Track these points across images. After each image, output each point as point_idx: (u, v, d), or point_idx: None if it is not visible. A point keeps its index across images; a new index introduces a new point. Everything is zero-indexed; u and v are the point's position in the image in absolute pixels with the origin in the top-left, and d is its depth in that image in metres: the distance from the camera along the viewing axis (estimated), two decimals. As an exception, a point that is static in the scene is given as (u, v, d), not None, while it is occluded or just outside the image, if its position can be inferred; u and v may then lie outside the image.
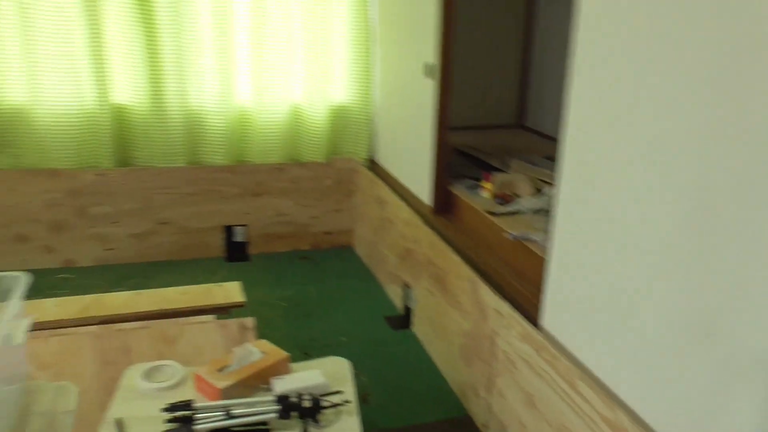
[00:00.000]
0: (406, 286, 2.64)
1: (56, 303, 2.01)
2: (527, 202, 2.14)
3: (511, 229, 1.98)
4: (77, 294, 2.62)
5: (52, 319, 1.91)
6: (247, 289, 2.26)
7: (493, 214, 2.11)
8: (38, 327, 1.82)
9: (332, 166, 3.22)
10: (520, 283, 1.86)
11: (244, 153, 3.13)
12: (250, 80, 3.00)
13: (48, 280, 2.75)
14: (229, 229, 3.12)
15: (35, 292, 1.24)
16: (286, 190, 3.16)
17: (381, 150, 3.16)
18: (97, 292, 2.66)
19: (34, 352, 1.78)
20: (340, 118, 3.22)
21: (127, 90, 2.85)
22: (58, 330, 1.84)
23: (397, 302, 2.76)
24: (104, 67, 2.71)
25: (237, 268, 3.03)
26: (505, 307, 1.77)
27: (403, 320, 2.64)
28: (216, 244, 3.12)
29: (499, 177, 2.23)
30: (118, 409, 1.39)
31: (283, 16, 2.93)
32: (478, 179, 2.47)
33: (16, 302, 1.11)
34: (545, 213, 2.07)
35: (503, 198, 2.20)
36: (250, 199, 3.11)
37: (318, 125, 3.12)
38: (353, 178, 3.26)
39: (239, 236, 3.15)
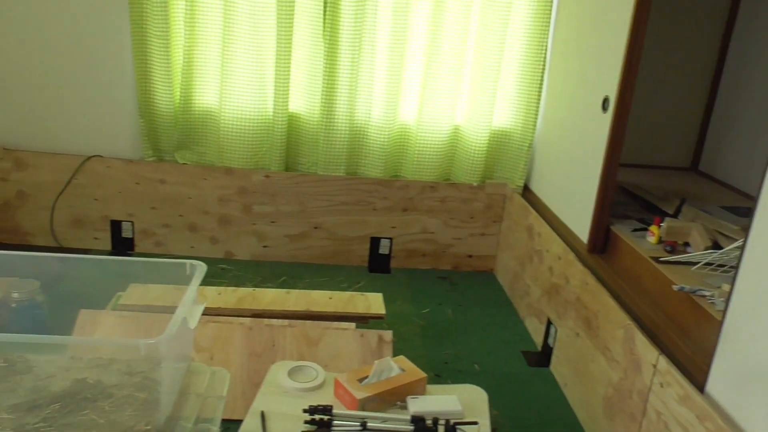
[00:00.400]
0: (548, 323, 2.52)
1: (218, 291, 2.18)
2: (701, 253, 1.95)
3: (678, 280, 1.82)
4: (233, 285, 2.83)
5: (212, 306, 2.06)
6: (386, 301, 2.29)
7: (658, 261, 1.95)
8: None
9: (484, 189, 3.18)
10: (683, 340, 1.70)
11: (399, 168, 3.20)
12: (416, 99, 3.06)
13: (210, 268, 2.97)
14: (375, 241, 3.20)
15: (200, 278, 1.35)
16: (435, 208, 3.18)
17: (538, 178, 3.07)
18: (250, 286, 2.85)
19: (195, 335, 1.94)
20: (499, 142, 3.18)
21: (303, 100, 3.03)
22: (216, 317, 1.99)
23: (536, 337, 2.65)
24: (287, 77, 2.90)
25: (378, 280, 3.09)
26: (663, 363, 1.63)
27: (541, 357, 2.53)
28: (361, 253, 3.20)
29: (670, 222, 2.06)
30: (262, 402, 1.46)
31: (458, 38, 2.96)
32: (643, 221, 2.31)
33: (194, 289, 1.21)
34: (720, 268, 1.88)
35: (672, 246, 2.03)
36: (399, 213, 3.16)
37: (476, 148, 3.10)
38: (504, 203, 3.20)
39: (384, 249, 3.21)
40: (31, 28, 2.82)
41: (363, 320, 2.19)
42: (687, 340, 1.69)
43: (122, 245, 3.07)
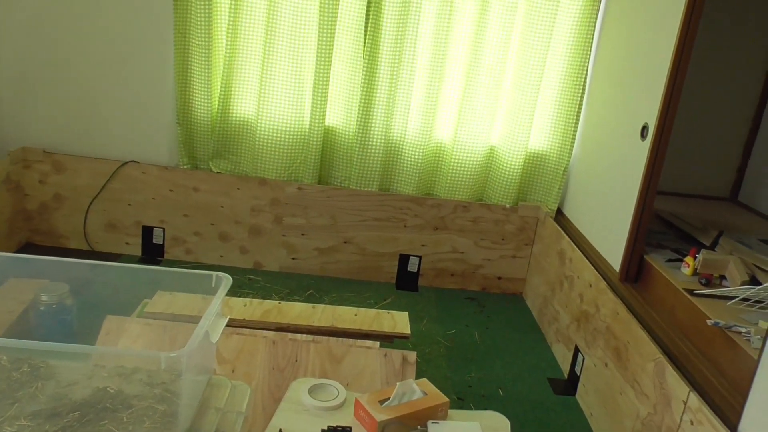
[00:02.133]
0: (576, 350, 2.46)
1: (244, 303, 2.18)
2: (737, 288, 1.88)
3: (712, 314, 1.76)
4: (260, 296, 2.84)
5: (238, 317, 2.06)
6: (411, 320, 2.26)
7: (693, 293, 1.89)
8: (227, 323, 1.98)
9: (517, 211, 3.14)
10: (716, 377, 1.63)
11: (432, 187, 3.18)
12: (453, 118, 3.05)
13: (239, 278, 3.00)
14: (404, 258, 3.18)
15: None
16: (466, 228, 3.14)
17: (572, 203, 3.02)
18: (277, 298, 2.85)
19: (217, 346, 1.94)
20: (534, 165, 3.14)
21: (340, 114, 3.05)
22: (241, 329, 1.99)
23: (564, 365, 2.59)
24: (325, 92, 2.92)
25: (405, 297, 3.07)
26: (695, 400, 1.56)
27: (567, 386, 2.47)
28: (389, 270, 3.18)
29: (706, 254, 1.99)
30: (280, 418, 1.45)
31: (497, 58, 2.94)
32: (679, 252, 2.24)
33: (218, 301, 1.21)
34: (757, 304, 1.81)
35: (708, 279, 1.96)
36: (430, 232, 3.14)
37: (511, 169, 3.07)
38: (537, 227, 3.15)
39: (412, 266, 3.19)
40: (77, 36, 2.90)
41: (388, 339, 2.17)
42: (720, 377, 1.63)
43: (153, 251, 3.11)
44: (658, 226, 2.58)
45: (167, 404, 1.17)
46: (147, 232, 3.09)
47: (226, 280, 1.33)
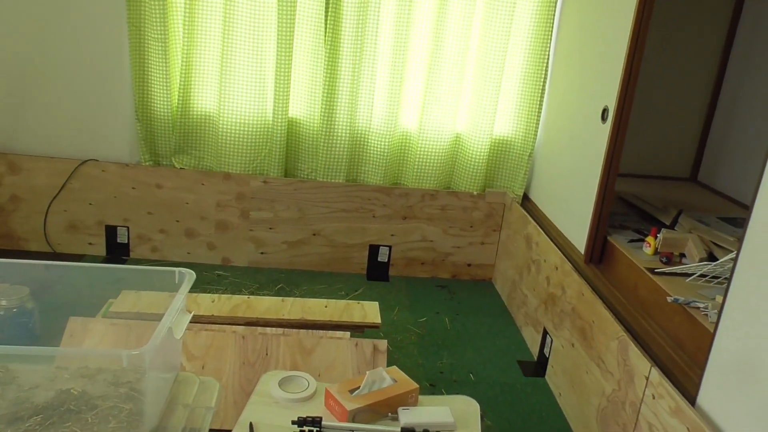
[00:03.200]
0: (544, 333, 2.50)
1: (212, 299, 2.16)
2: (696, 264, 1.93)
3: (672, 291, 1.80)
4: (229, 291, 2.82)
5: (206, 313, 2.05)
6: (383, 309, 2.28)
7: (654, 272, 1.93)
8: (193, 320, 1.96)
9: (484, 198, 3.16)
10: (676, 352, 1.68)
11: (400, 176, 3.19)
12: (417, 107, 3.06)
13: (207, 274, 2.97)
14: (374, 249, 3.18)
15: (194, 285, 1.33)
16: (435, 217, 3.16)
17: (537, 188, 3.06)
18: (246, 293, 2.84)
19: (186, 343, 1.92)
20: (499, 151, 3.17)
21: (302, 106, 3.03)
22: (209, 325, 1.97)
23: (533, 347, 2.63)
24: (287, 83, 2.90)
25: (376, 287, 3.08)
26: (656, 375, 1.61)
27: (537, 367, 2.51)
28: (359, 261, 3.19)
29: (666, 234, 2.04)
30: (251, 412, 1.44)
31: (460, 46, 2.95)
32: (640, 232, 2.29)
33: (182, 297, 1.19)
34: (715, 280, 1.86)
35: (668, 257, 2.01)
36: (398, 221, 3.15)
37: (476, 156, 3.09)
38: (504, 212, 3.19)
39: (382, 256, 3.20)
40: (28, 30, 2.82)
41: (359, 329, 2.18)
42: (681, 352, 1.67)
43: (117, 251, 3.06)
44: (621, 207, 2.64)
45: (133, 403, 1.16)
46: (111, 231, 3.03)
47: (190, 276, 1.32)
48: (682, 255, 2.05)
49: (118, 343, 1.75)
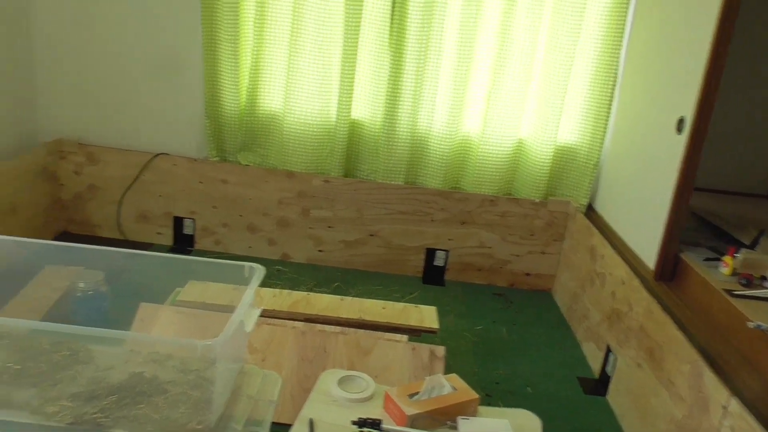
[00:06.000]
0: (607, 350, 2.43)
1: (273, 294, 2.19)
2: (778, 287, 1.83)
3: (753, 316, 1.71)
4: (288, 287, 2.85)
5: (267, 307, 2.07)
6: (438, 314, 2.25)
7: (732, 294, 1.84)
8: (255, 312, 1.99)
9: (546, 206, 3.10)
10: (757, 381, 1.59)
11: (459, 180, 3.16)
12: (480, 111, 3.02)
13: (267, 269, 3.01)
14: (430, 252, 3.16)
15: (256, 279, 1.35)
16: (494, 223, 3.12)
17: (603, 198, 2.97)
18: (304, 289, 2.86)
19: (249, 336, 1.95)
20: (563, 159, 3.10)
21: (366, 107, 3.04)
22: (271, 319, 2.00)
23: (594, 364, 2.55)
24: (350, 85, 2.92)
25: (431, 291, 3.05)
26: (736, 406, 1.53)
27: (598, 385, 2.44)
28: (415, 264, 3.17)
29: (746, 254, 1.94)
30: (311, 409, 1.45)
31: (526, 50, 2.91)
32: (716, 250, 2.19)
33: (252, 291, 1.21)
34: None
35: (748, 279, 1.91)
36: (456, 226, 3.12)
37: (539, 163, 3.03)
38: (566, 222, 3.11)
39: (439, 261, 3.17)
40: (109, 32, 2.93)
41: (415, 333, 2.16)
42: (763, 381, 1.58)
43: (183, 241, 3.15)
44: (693, 223, 2.53)
45: (200, 391, 1.18)
46: (178, 222, 3.12)
47: (259, 271, 1.34)
48: (764, 278, 1.95)
49: (184, 330, 1.79)
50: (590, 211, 3.05)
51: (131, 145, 3.07)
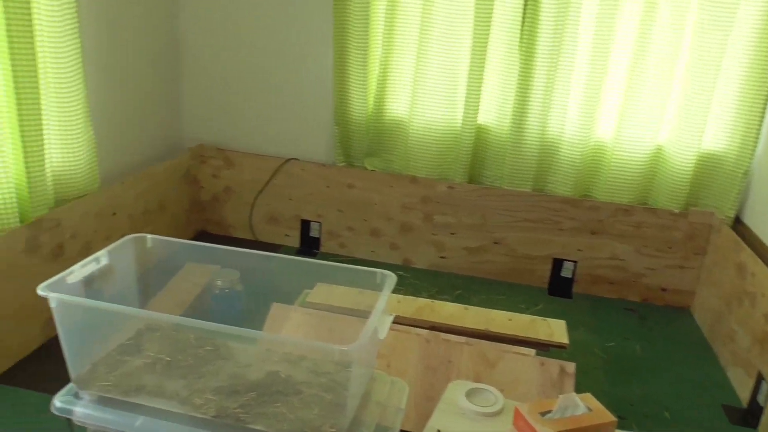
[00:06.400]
0: (759, 378, 2.19)
1: (398, 300, 2.19)
2: None
3: None
4: (409, 293, 2.86)
5: (392, 313, 2.08)
6: (567, 328, 2.15)
7: None
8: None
9: (687, 217, 2.87)
10: None
11: (590, 188, 3.01)
12: (615, 115, 2.86)
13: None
14: (557, 262, 3.04)
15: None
16: (627, 234, 2.93)
17: (754, 210, 2.70)
18: (425, 295, 2.85)
19: (375, 340, 1.96)
20: (707, 167, 2.86)
21: (493, 112, 2.98)
22: (396, 325, 2.00)
23: (741, 392, 2.32)
24: (478, 90, 2.87)
25: (557, 304, 2.93)
26: None
27: (747, 416, 2.21)
28: (541, 274, 3.06)
29: None
30: (438, 420, 1.43)
31: (668, 50, 2.71)
32: None
33: (385, 299, 1.21)
34: None
35: None
36: (586, 236, 2.97)
37: (680, 171, 2.82)
38: (709, 235, 2.86)
39: (566, 272, 3.04)
40: (245, 48, 3.10)
41: (543, 347, 2.08)
42: None
43: (309, 243, 3.25)
44: None
45: (333, 394, 1.19)
46: (305, 225, 3.23)
47: (391, 278, 1.33)
48: None
49: (312, 332, 1.84)
50: (738, 224, 2.79)
51: (264, 151, 3.23)
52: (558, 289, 3.06)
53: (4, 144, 2.05)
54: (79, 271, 1.30)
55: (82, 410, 1.17)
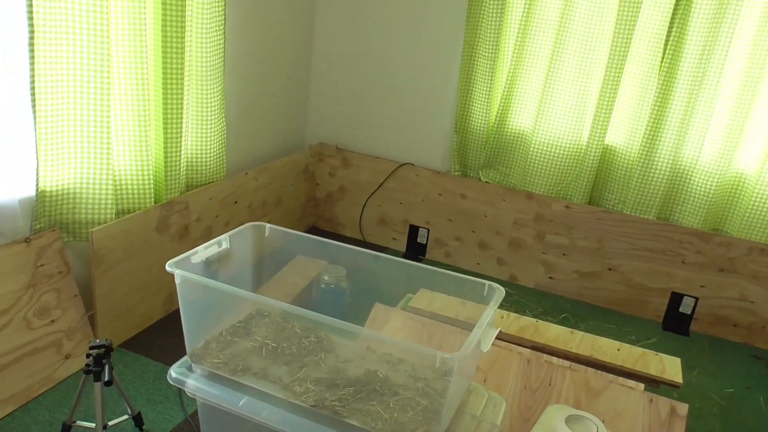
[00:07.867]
0: None
1: (502, 315, 2.14)
2: None
3: None
4: (513, 310, 2.78)
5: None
6: (681, 367, 1.99)
7: None
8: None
9: (835, 264, 2.58)
10: None
11: (723, 222, 2.79)
12: (762, 146, 2.63)
13: (493, 287, 2.98)
14: (676, 297, 2.84)
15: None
16: (762, 276, 2.68)
17: None
18: (529, 314, 2.77)
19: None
20: None
21: (622, 133, 2.85)
22: (497, 341, 1.95)
23: None
24: (609, 108, 2.76)
25: (672, 340, 2.73)
26: None
27: None
28: (656, 307, 2.87)
29: None
30: (534, 442, 1.37)
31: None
32: None
33: (492, 311, 1.18)
34: None
35: None
36: (713, 272, 2.75)
37: (832, 212, 2.54)
38: None
39: (686, 308, 2.83)
40: (373, 51, 3.17)
41: (653, 383, 1.94)
42: None
43: (416, 249, 3.26)
44: None
45: (429, 400, 1.18)
46: (413, 231, 3.25)
47: (500, 292, 1.30)
48: None
49: (411, 336, 1.84)
50: None
51: (381, 153, 3.28)
52: (674, 324, 2.85)
53: (150, 131, 2.22)
54: (202, 252, 1.38)
55: (194, 383, 1.25)
